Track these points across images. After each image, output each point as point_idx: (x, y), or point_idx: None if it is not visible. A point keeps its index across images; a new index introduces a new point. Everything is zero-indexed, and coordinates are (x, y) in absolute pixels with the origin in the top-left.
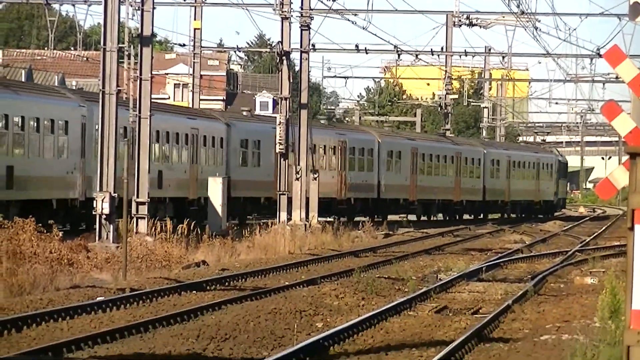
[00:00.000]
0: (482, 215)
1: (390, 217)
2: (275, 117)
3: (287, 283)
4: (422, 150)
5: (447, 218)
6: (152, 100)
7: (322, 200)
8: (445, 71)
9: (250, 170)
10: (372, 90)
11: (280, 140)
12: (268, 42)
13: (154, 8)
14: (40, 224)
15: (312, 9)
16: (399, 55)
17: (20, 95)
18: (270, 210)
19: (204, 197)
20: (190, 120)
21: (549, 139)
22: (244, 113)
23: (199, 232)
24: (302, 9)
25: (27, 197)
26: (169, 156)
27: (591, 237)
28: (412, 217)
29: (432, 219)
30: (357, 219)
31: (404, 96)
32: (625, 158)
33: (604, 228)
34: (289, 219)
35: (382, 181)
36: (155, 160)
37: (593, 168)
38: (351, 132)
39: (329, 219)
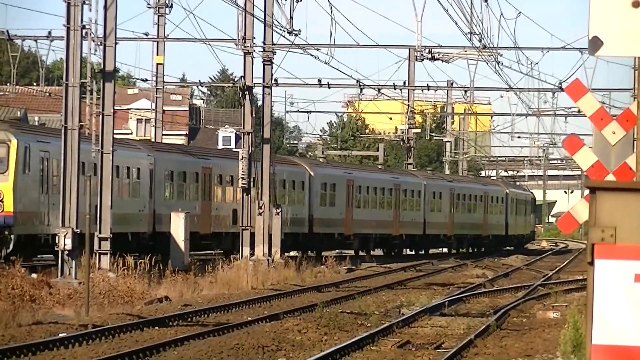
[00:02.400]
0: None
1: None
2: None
3: (249, 318)
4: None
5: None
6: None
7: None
8: (408, 105)
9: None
10: (334, 125)
11: (242, 175)
12: (231, 76)
13: (116, 43)
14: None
15: (274, 44)
16: (361, 89)
17: None
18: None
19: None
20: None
21: (510, 173)
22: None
23: (161, 267)
24: (264, 43)
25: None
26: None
27: (553, 271)
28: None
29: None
30: (292, 253)
31: (367, 130)
32: (587, 192)
33: (566, 262)
34: (252, 254)
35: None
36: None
37: (555, 202)
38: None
39: (292, 254)
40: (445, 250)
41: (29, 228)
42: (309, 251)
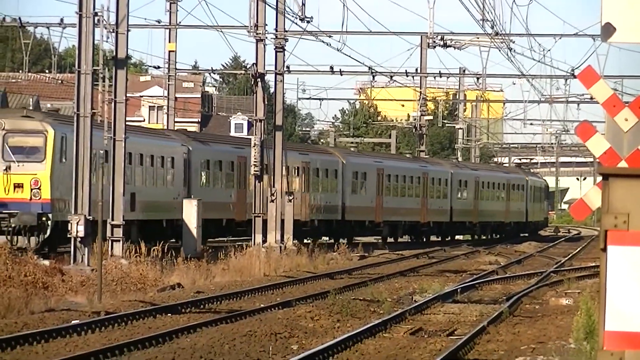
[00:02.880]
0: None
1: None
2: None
3: (262, 305)
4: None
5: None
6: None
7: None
8: (420, 92)
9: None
10: (347, 112)
11: (255, 162)
12: (243, 64)
13: (128, 30)
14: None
15: (286, 31)
16: (373, 76)
17: (140, 137)
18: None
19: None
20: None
21: (523, 159)
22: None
23: (174, 254)
24: (276, 30)
25: (145, 218)
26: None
27: (566, 258)
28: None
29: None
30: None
31: (379, 117)
32: (600, 179)
33: (579, 249)
34: (264, 241)
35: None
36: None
37: (568, 189)
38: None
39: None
40: (469, 237)
41: (65, 214)
42: (341, 238)
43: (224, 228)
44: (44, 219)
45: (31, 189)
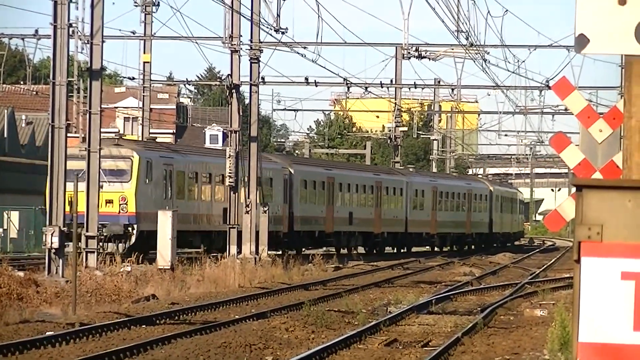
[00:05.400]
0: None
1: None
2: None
3: (237, 317)
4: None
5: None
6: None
7: None
8: (395, 103)
9: None
10: (322, 123)
11: (230, 173)
12: (218, 75)
13: (103, 41)
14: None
15: (261, 42)
16: (348, 87)
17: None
18: None
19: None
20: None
21: (498, 170)
22: None
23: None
24: (251, 42)
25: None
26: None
27: (541, 269)
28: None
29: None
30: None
31: (354, 129)
32: (574, 190)
33: (553, 260)
34: (239, 252)
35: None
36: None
37: (543, 200)
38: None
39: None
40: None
41: (148, 225)
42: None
43: (316, 239)
44: (129, 229)
45: (119, 204)
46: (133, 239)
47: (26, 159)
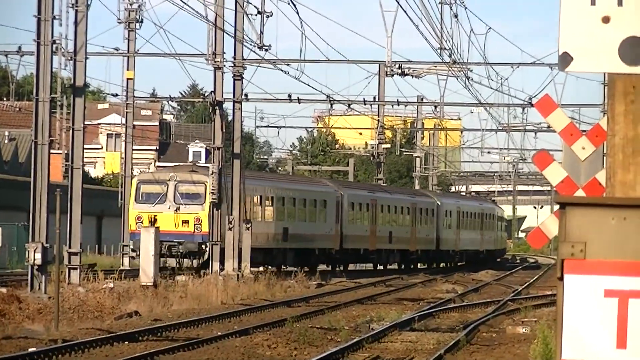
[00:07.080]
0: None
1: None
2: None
3: (219, 333)
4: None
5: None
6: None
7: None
8: (378, 120)
9: None
10: (304, 140)
11: (213, 190)
12: (201, 91)
13: (86, 58)
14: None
15: (244, 59)
16: (331, 104)
17: (301, 185)
18: None
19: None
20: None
21: (480, 188)
22: None
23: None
24: (234, 59)
25: (299, 247)
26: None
27: (523, 286)
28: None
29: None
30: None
31: (337, 146)
32: (557, 207)
33: (536, 277)
34: (222, 269)
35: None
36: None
37: (525, 217)
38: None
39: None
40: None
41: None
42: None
43: (361, 256)
44: (203, 246)
45: (194, 225)
46: (206, 255)
47: (9, 175)
